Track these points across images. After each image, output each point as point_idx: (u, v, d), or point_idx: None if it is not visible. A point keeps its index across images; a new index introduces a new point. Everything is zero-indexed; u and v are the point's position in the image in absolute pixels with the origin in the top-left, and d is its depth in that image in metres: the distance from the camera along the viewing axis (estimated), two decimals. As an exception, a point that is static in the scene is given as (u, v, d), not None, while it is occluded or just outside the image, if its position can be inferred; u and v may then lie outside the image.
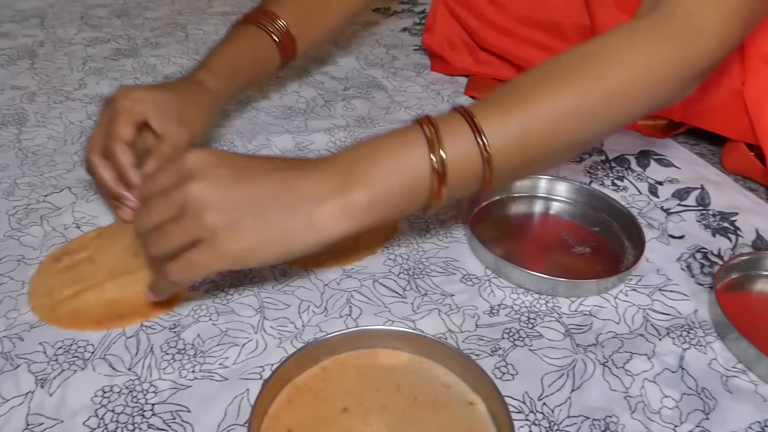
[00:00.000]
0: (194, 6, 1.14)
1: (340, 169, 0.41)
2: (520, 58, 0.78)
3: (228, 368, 0.42)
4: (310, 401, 0.40)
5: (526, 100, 0.42)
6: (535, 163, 0.44)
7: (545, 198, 0.60)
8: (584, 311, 0.48)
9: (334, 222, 0.40)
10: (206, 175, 0.39)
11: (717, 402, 0.41)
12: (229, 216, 0.38)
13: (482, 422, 0.39)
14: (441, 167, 0.40)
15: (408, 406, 0.40)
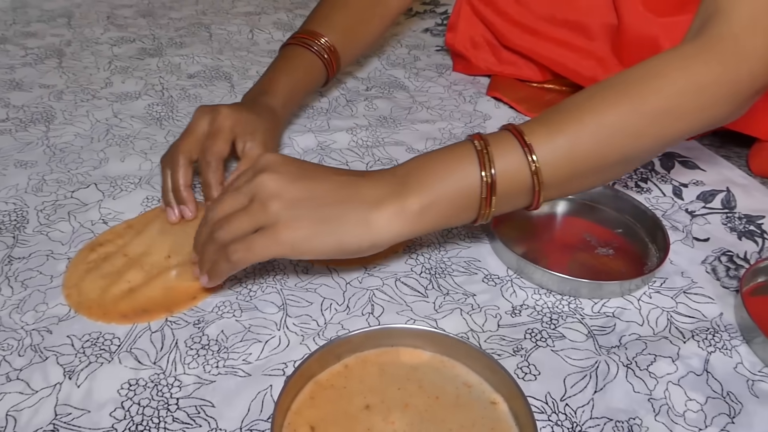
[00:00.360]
0: (218, 6, 1.15)
1: (396, 178, 0.44)
2: (544, 57, 0.77)
3: (251, 364, 0.43)
4: (332, 398, 0.40)
5: (574, 118, 0.43)
6: (584, 179, 0.45)
7: (568, 199, 0.60)
8: (607, 313, 0.48)
9: (388, 224, 0.42)
10: (275, 170, 0.43)
11: (743, 406, 0.41)
12: (291, 206, 0.42)
13: (504, 422, 0.39)
14: (490, 180, 0.42)
15: (430, 404, 0.40)
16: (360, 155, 0.67)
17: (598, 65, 0.73)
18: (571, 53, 0.75)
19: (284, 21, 1.08)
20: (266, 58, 0.92)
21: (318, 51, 0.67)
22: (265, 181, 0.43)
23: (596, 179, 0.46)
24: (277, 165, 0.44)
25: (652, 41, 0.68)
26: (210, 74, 0.86)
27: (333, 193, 0.43)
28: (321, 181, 0.44)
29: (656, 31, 0.67)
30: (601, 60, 0.72)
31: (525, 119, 0.75)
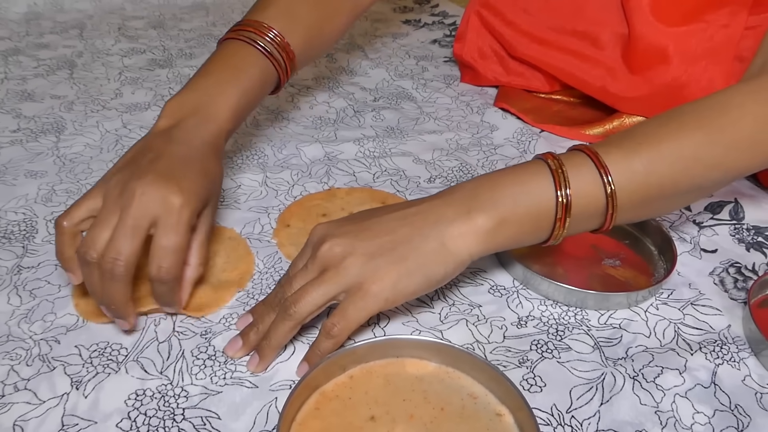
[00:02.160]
0: (228, 17, 1.16)
1: (462, 196, 0.43)
2: (552, 67, 0.77)
3: (258, 376, 0.43)
4: (337, 409, 0.40)
5: (650, 142, 0.43)
6: (656, 204, 0.45)
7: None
8: (614, 324, 0.48)
9: (464, 243, 0.41)
10: (334, 235, 0.42)
11: (751, 419, 0.41)
12: (367, 260, 0.41)
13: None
14: (566, 200, 0.41)
15: (435, 416, 0.40)
16: (367, 166, 0.68)
17: (608, 74, 0.73)
18: (580, 62, 0.75)
19: (293, 32, 1.08)
20: (274, 69, 0.93)
21: (270, 51, 0.54)
22: (331, 249, 0.41)
23: (666, 206, 0.46)
24: (333, 230, 0.43)
25: (661, 51, 0.68)
26: (219, 85, 0.86)
27: (398, 232, 0.42)
28: (381, 225, 0.42)
29: (666, 41, 0.67)
30: (611, 69, 0.72)
31: (532, 130, 0.75)
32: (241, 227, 0.57)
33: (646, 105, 0.71)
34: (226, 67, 0.52)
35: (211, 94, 0.50)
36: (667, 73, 0.68)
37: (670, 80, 0.68)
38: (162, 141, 0.46)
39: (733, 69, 0.66)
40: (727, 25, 0.65)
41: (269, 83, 0.56)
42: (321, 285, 0.41)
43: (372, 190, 0.64)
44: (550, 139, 0.74)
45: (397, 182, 0.65)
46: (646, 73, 0.70)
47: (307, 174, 0.66)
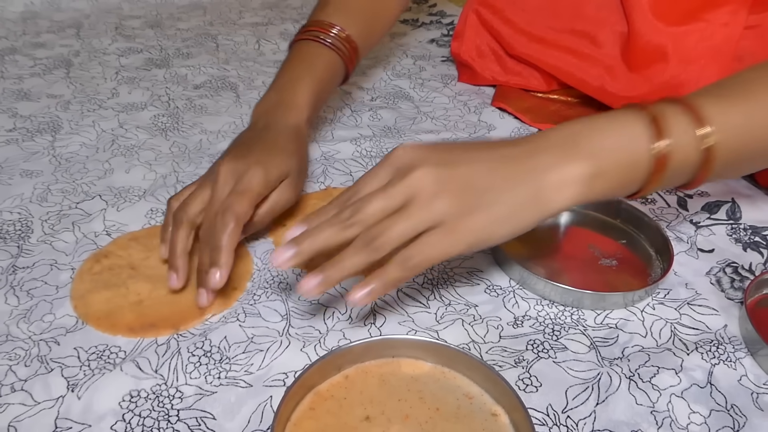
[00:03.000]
0: (225, 17, 1.16)
1: (561, 141, 0.40)
2: (551, 66, 0.77)
3: (253, 374, 0.43)
4: (332, 409, 0.40)
5: (747, 94, 0.41)
6: (752, 160, 0.43)
7: (571, 210, 0.60)
8: (610, 324, 0.48)
9: (559, 193, 0.39)
10: (426, 163, 0.39)
11: (747, 419, 0.41)
12: (458, 199, 0.39)
13: None
14: (664, 151, 0.39)
15: (430, 416, 0.40)
16: (364, 165, 0.68)
17: (606, 73, 0.73)
18: (578, 61, 0.75)
19: (291, 32, 1.08)
20: (272, 69, 0.93)
21: (335, 45, 0.61)
22: (422, 179, 0.39)
23: (761, 163, 0.44)
24: (424, 158, 0.40)
25: (660, 50, 0.68)
26: (216, 84, 0.87)
27: (495, 172, 0.39)
28: (478, 162, 0.40)
29: (665, 40, 0.67)
30: (609, 68, 0.72)
31: (530, 130, 0.75)
32: (237, 227, 0.57)
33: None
34: (299, 64, 0.60)
35: (289, 89, 0.58)
36: (665, 71, 0.68)
37: (669, 78, 0.68)
38: (251, 133, 0.55)
39: (732, 69, 0.66)
40: (727, 24, 0.65)
41: (338, 73, 0.63)
42: (409, 219, 0.38)
43: (369, 189, 0.63)
44: (548, 138, 0.74)
45: (393, 182, 0.65)
46: (644, 71, 0.70)
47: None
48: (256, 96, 0.83)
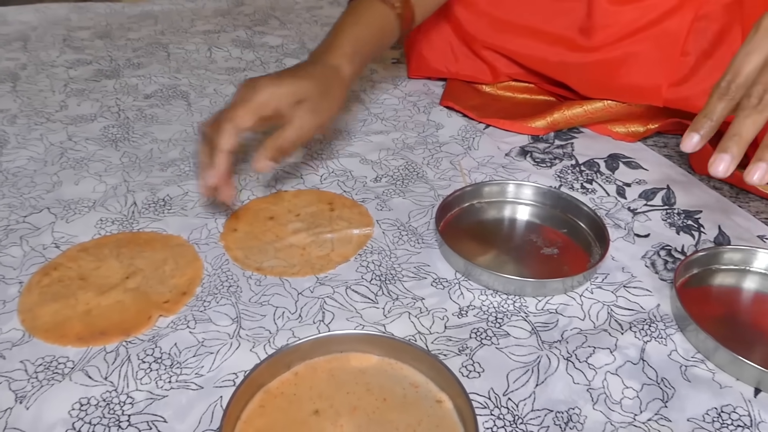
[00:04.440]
0: (177, 26, 1.16)
1: None
2: (511, 51, 0.79)
3: (203, 377, 0.43)
4: (282, 406, 0.41)
5: None
6: None
7: (514, 202, 0.62)
8: (550, 309, 0.50)
9: None
10: None
11: (675, 390, 0.43)
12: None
13: (449, 419, 0.40)
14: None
15: (377, 406, 0.41)
16: (314, 168, 0.69)
17: (566, 50, 0.75)
18: (538, 43, 0.77)
19: (243, 38, 1.09)
20: (224, 76, 0.93)
21: (396, 5, 0.65)
22: None
23: None
24: None
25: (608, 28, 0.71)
26: (167, 93, 0.87)
27: None
28: None
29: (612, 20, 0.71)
30: (568, 40, 0.75)
31: (477, 126, 0.77)
32: (188, 233, 0.58)
33: (593, 77, 0.74)
34: (348, 17, 0.65)
35: (330, 35, 0.63)
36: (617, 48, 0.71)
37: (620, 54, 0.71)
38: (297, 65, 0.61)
39: (679, 62, 0.68)
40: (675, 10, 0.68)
41: (388, 27, 0.66)
42: None
43: (319, 191, 0.65)
44: (494, 134, 0.76)
45: (344, 183, 0.66)
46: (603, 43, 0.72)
47: (255, 178, 0.66)
48: (208, 104, 0.84)
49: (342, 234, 0.58)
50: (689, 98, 0.69)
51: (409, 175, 0.68)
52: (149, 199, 0.62)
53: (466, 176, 0.68)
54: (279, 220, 0.60)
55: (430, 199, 0.64)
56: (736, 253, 0.54)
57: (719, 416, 0.41)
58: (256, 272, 0.54)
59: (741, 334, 0.48)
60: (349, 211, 0.62)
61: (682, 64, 0.69)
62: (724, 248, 0.54)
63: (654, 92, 0.71)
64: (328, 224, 0.59)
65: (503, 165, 0.70)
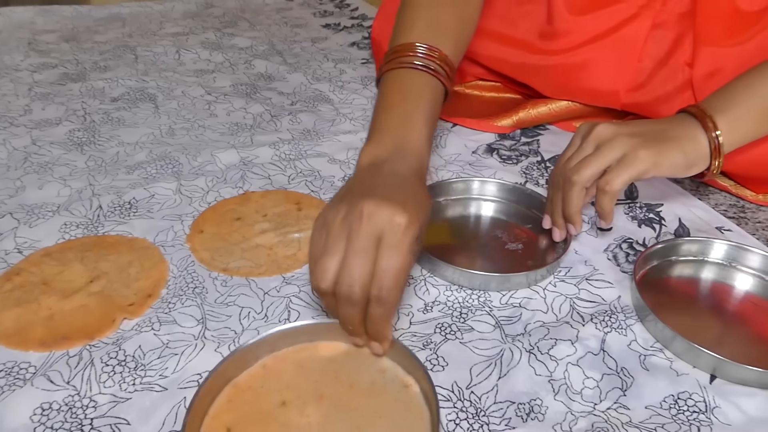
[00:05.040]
0: (145, 28, 1.15)
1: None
2: (474, 53, 0.80)
3: (167, 378, 0.43)
4: (249, 399, 0.41)
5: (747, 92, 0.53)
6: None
7: (479, 199, 0.63)
8: (514, 303, 0.51)
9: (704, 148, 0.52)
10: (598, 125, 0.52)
11: (634, 379, 0.44)
12: (634, 136, 0.51)
13: (416, 403, 0.41)
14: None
15: (344, 393, 0.41)
16: (282, 168, 0.69)
17: (527, 52, 0.76)
18: (498, 45, 0.78)
19: (212, 40, 1.09)
20: (192, 78, 0.93)
21: (435, 70, 0.52)
22: (603, 130, 0.52)
23: None
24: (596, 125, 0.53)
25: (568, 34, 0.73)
26: (134, 96, 0.86)
27: (656, 126, 0.53)
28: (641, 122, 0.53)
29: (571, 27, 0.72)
30: (528, 44, 0.76)
31: (444, 125, 0.78)
32: (154, 236, 0.58)
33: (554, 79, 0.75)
34: (405, 99, 0.51)
35: (403, 132, 0.49)
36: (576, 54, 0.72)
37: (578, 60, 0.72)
38: (372, 174, 0.46)
39: (636, 69, 0.70)
40: (636, 16, 0.69)
41: (441, 98, 0.54)
42: (597, 157, 0.51)
43: (287, 191, 0.65)
44: (461, 132, 0.77)
45: (311, 182, 0.66)
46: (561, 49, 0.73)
47: (222, 180, 0.66)
48: (176, 106, 0.84)
49: (309, 233, 0.58)
50: (645, 104, 0.70)
51: (377, 174, 0.68)
52: (115, 202, 0.62)
53: (432, 174, 0.68)
54: (246, 220, 0.60)
55: (398, 198, 0.64)
56: (693, 245, 0.55)
57: (676, 403, 0.42)
58: (222, 273, 0.54)
59: (698, 322, 0.49)
60: (317, 210, 0.62)
61: (639, 71, 0.70)
62: (682, 240, 0.56)
63: (612, 97, 0.72)
64: (296, 224, 0.60)
65: (470, 162, 0.71)
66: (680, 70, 0.67)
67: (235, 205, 0.63)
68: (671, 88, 0.68)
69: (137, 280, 0.53)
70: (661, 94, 0.68)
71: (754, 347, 0.47)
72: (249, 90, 0.89)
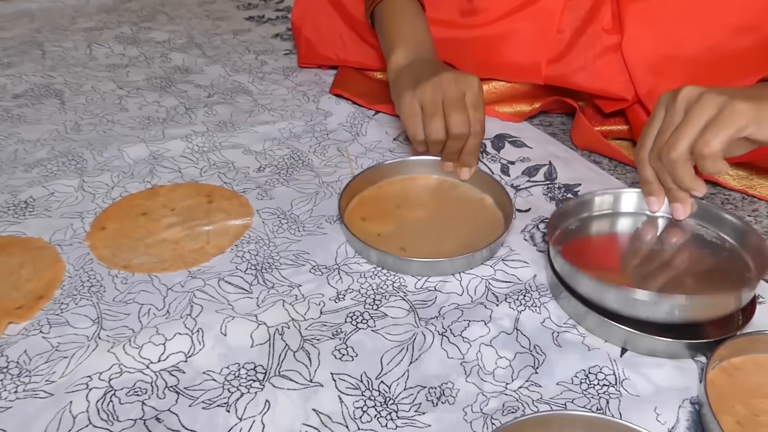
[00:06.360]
0: (56, 23, 1.09)
1: None
2: None
3: (54, 383, 0.40)
4: (374, 203, 0.58)
5: None
6: None
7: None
8: (429, 288, 0.50)
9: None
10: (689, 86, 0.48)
11: (546, 356, 0.43)
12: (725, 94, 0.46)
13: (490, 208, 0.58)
14: None
15: (439, 201, 0.58)
16: (194, 161, 0.66)
17: (448, 28, 0.75)
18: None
19: (128, 34, 1.04)
20: (104, 73, 0.88)
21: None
22: (690, 91, 0.48)
23: None
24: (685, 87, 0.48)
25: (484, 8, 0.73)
26: (39, 92, 0.81)
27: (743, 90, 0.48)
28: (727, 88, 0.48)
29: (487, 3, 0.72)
30: (449, 23, 0.75)
31: (366, 113, 0.76)
32: (50, 235, 0.54)
33: (475, 55, 0.74)
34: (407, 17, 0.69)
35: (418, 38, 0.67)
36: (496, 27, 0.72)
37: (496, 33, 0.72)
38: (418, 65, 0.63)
39: (555, 40, 0.70)
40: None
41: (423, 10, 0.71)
42: (690, 122, 0.46)
43: (198, 184, 0.62)
44: (383, 120, 0.76)
45: (224, 174, 0.64)
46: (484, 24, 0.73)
47: (129, 175, 0.63)
48: (84, 101, 0.79)
49: (219, 226, 0.56)
50: (566, 75, 0.70)
51: (294, 164, 0.66)
52: (9, 201, 0.58)
53: (352, 162, 0.66)
54: (152, 215, 0.57)
55: (314, 187, 0.62)
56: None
57: (587, 377, 0.42)
58: (123, 270, 0.50)
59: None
60: (229, 202, 0.59)
61: (558, 41, 0.70)
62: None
63: (534, 70, 0.72)
64: (205, 217, 0.57)
65: (390, 149, 0.69)
66: (598, 38, 0.68)
67: (142, 200, 0.59)
68: (591, 56, 0.68)
69: (29, 281, 0.49)
70: (582, 62, 0.69)
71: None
72: (164, 83, 0.85)
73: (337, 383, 0.41)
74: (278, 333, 0.44)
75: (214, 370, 0.42)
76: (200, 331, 0.44)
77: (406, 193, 0.59)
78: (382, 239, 0.54)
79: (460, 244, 0.53)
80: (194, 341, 0.43)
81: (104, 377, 0.40)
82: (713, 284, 0.46)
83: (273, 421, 0.38)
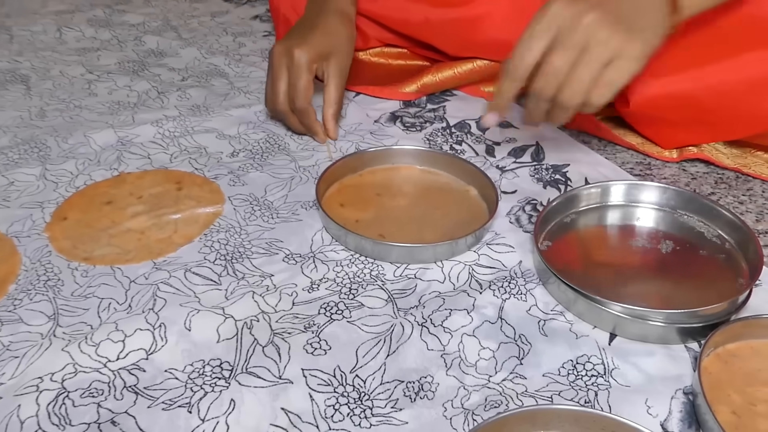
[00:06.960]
0: (25, 7, 1.05)
1: None
2: (374, 13, 0.75)
3: (3, 385, 0.37)
4: (354, 191, 0.55)
5: None
6: None
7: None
8: (409, 275, 0.47)
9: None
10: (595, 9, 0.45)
11: (532, 346, 0.41)
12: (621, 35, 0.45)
13: (474, 199, 0.54)
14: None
15: (422, 191, 0.56)
16: (164, 146, 0.63)
17: (429, 6, 0.72)
18: (400, 2, 0.73)
19: (100, 17, 1.00)
20: (74, 57, 0.85)
21: None
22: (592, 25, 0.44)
23: None
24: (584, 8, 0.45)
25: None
26: (3, 78, 0.78)
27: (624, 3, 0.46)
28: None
29: None
30: (431, 2, 0.72)
31: (347, 94, 0.73)
32: (7, 226, 0.51)
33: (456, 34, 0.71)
34: None
35: None
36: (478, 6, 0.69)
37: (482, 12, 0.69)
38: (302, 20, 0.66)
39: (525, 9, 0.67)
40: None
41: None
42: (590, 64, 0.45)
43: (167, 171, 0.59)
44: (364, 101, 0.73)
45: (196, 160, 0.61)
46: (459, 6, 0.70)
47: (95, 162, 0.60)
48: (51, 86, 0.76)
49: (188, 214, 0.53)
50: None
51: (270, 148, 0.63)
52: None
53: (330, 146, 0.63)
54: (118, 204, 0.54)
55: (290, 171, 0.59)
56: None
57: (574, 368, 0.39)
58: (83, 263, 0.47)
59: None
60: (199, 189, 0.56)
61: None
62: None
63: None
64: (174, 205, 0.54)
65: (371, 131, 0.66)
66: None
67: (107, 188, 0.56)
68: None
69: (-18, 276, 0.46)
70: None
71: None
72: (136, 67, 0.82)
73: (308, 379, 0.38)
74: (246, 327, 0.42)
75: (177, 368, 0.39)
76: (162, 326, 0.41)
77: (389, 182, 0.57)
78: (361, 225, 0.51)
79: (442, 233, 0.50)
80: (156, 337, 0.41)
81: (56, 378, 0.38)
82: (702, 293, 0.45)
83: (238, 422, 0.36)
